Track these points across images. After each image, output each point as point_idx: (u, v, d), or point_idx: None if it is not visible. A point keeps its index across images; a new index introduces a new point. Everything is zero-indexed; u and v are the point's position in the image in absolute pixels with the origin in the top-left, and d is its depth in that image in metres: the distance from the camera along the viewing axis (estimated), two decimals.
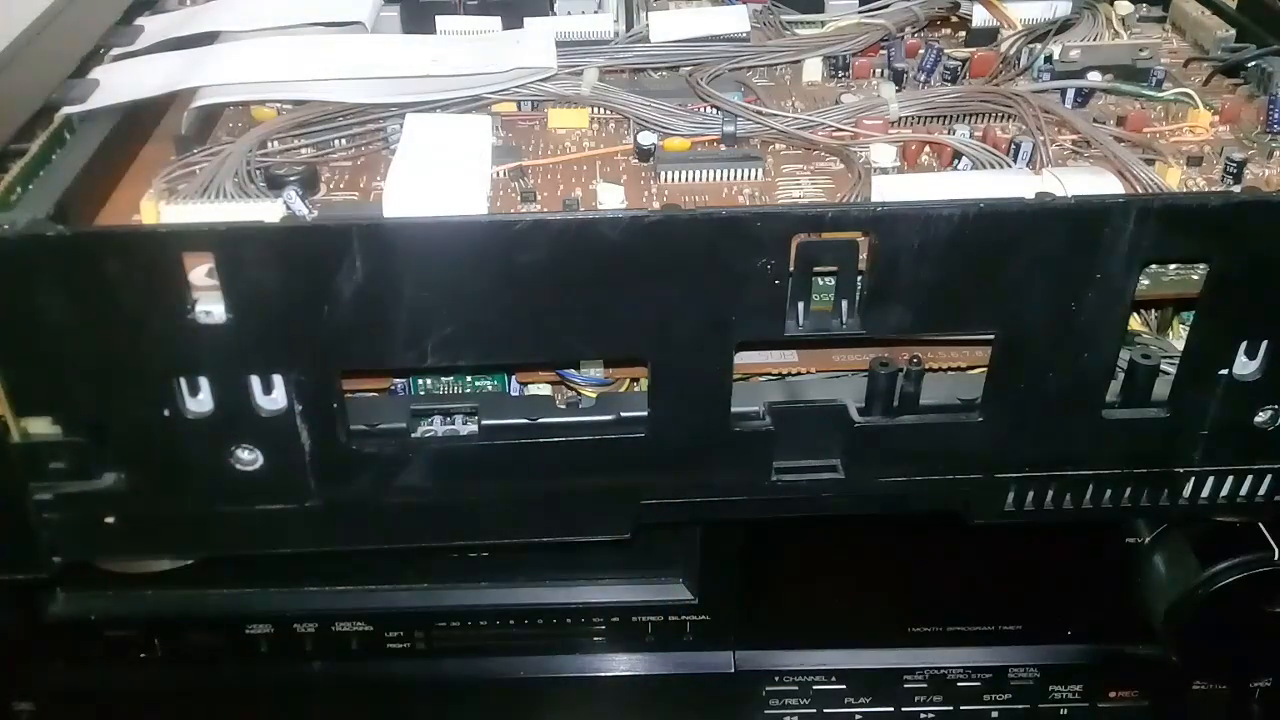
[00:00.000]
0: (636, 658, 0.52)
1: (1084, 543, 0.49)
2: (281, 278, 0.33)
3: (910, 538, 0.49)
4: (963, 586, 0.51)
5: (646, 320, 0.35)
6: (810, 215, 0.34)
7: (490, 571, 0.50)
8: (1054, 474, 0.40)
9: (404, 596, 0.50)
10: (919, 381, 0.39)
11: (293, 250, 0.33)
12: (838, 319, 0.36)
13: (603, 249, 0.33)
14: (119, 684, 0.51)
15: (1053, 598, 0.51)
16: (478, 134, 0.45)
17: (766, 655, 0.52)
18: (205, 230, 0.33)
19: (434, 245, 0.33)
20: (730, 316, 0.35)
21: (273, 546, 0.40)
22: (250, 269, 0.33)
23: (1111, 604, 0.50)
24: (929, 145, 0.46)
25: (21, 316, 0.33)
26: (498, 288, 0.34)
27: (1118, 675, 0.52)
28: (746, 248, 0.34)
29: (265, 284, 0.33)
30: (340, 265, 0.33)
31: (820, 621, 0.52)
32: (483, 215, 0.39)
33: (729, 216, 0.33)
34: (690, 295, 0.34)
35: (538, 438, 0.38)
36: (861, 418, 0.39)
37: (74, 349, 0.34)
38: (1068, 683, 0.52)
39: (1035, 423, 0.39)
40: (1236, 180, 0.44)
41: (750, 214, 0.33)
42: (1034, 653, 0.52)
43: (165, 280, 0.33)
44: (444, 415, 0.40)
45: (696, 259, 0.34)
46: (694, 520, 0.46)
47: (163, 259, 0.32)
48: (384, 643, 0.50)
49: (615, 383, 0.42)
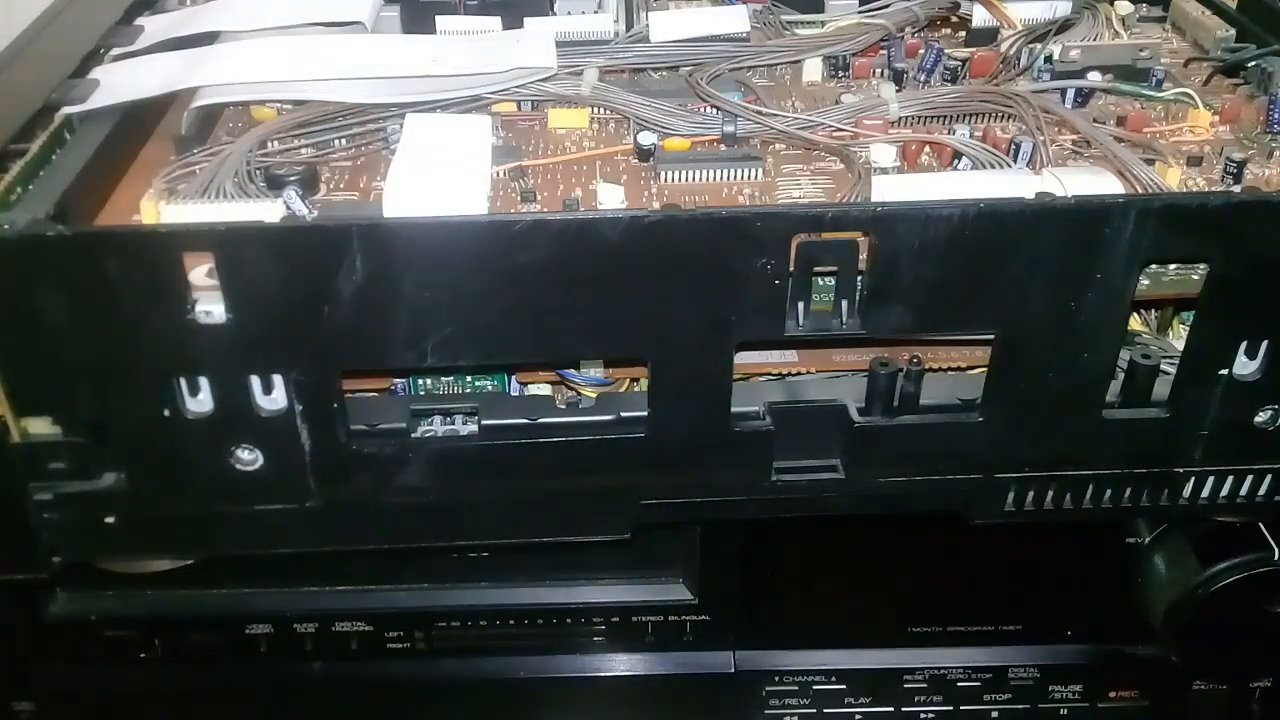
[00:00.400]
0: (636, 658, 0.52)
1: (1084, 543, 0.49)
2: (281, 278, 0.33)
3: (910, 538, 0.49)
4: (963, 586, 0.51)
5: (646, 320, 0.35)
6: (810, 215, 0.34)
7: (490, 571, 0.50)
8: (1054, 474, 0.40)
9: (404, 596, 0.50)
10: (919, 381, 0.39)
11: (293, 250, 0.33)
12: (838, 319, 0.36)
13: (603, 249, 0.33)
14: (119, 684, 0.51)
15: (1053, 598, 0.51)
16: (478, 134, 0.45)
17: (766, 655, 0.52)
18: (205, 230, 0.33)
19: (434, 245, 0.33)
20: (730, 316, 0.35)
21: (273, 546, 0.40)
22: (250, 269, 0.33)
23: (1111, 604, 0.50)
24: (929, 145, 0.46)
25: (21, 316, 0.33)
26: (498, 288, 0.34)
27: (1118, 675, 0.52)
28: (746, 248, 0.34)
29: (265, 284, 0.33)
30: (340, 265, 0.33)
31: (820, 621, 0.52)
32: (483, 215, 0.39)
33: (729, 216, 0.33)
34: (690, 295, 0.34)
35: (538, 438, 0.38)
36: (861, 418, 0.39)
37: (74, 349, 0.34)
38: (1068, 683, 0.52)
39: (1035, 423, 0.39)
40: (1236, 180, 0.44)
41: (750, 214, 0.33)
42: (1034, 653, 0.52)
43: (165, 280, 0.33)
44: (444, 415, 0.40)
45: (696, 259, 0.34)
46: (694, 520, 0.46)
47: (163, 259, 0.32)
48: (384, 643, 0.50)
49: (615, 383, 0.42)
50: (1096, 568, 0.50)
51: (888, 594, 0.51)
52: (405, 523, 0.39)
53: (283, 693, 0.52)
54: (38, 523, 0.37)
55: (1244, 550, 0.46)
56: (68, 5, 0.54)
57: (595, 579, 0.50)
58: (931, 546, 0.50)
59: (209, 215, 0.39)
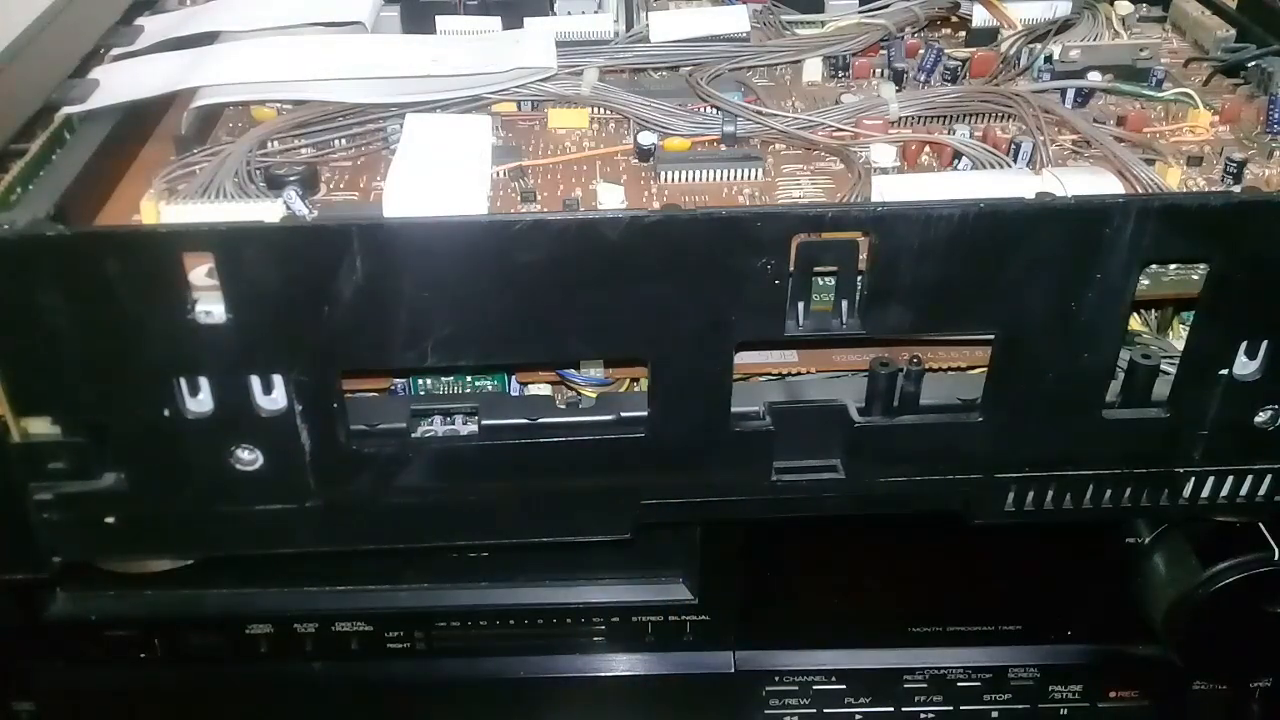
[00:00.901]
0: (636, 658, 0.52)
1: (1084, 543, 0.49)
2: (281, 278, 0.33)
3: (910, 538, 0.49)
4: (962, 587, 0.51)
5: (647, 320, 0.35)
6: (810, 215, 0.34)
7: (490, 571, 0.50)
8: (1054, 474, 0.40)
9: (404, 596, 0.50)
10: (919, 381, 0.39)
11: (293, 250, 0.33)
12: (838, 318, 0.36)
13: (603, 248, 0.33)
14: (119, 684, 0.51)
15: (1053, 598, 0.51)
16: (478, 134, 0.45)
17: (766, 655, 0.52)
18: (205, 230, 0.33)
19: (433, 245, 0.33)
20: (730, 316, 0.35)
21: (273, 546, 0.40)
22: (250, 269, 0.33)
23: (1112, 604, 0.50)
24: (929, 145, 0.46)
25: (21, 316, 0.33)
26: (497, 287, 0.34)
27: (1118, 675, 0.52)
28: (746, 248, 0.34)
29: (265, 284, 0.33)
30: (340, 265, 0.33)
31: (820, 622, 0.52)
32: (483, 215, 0.39)
33: (729, 216, 0.33)
34: (690, 295, 0.34)
35: (538, 438, 0.38)
36: (862, 418, 0.39)
37: (74, 348, 0.34)
38: (1068, 683, 0.52)
39: (1036, 423, 0.39)
40: (1236, 180, 0.44)
41: (750, 214, 0.33)
42: (1034, 653, 0.52)
43: (165, 280, 0.33)
44: (444, 415, 0.40)
45: (696, 259, 0.34)
46: (693, 520, 0.46)
47: (162, 259, 0.32)
48: (384, 643, 0.50)
49: (615, 383, 0.42)
50: (1097, 568, 0.50)
51: (888, 594, 0.51)
52: (405, 522, 0.39)
53: (283, 692, 0.52)
54: (38, 523, 0.37)
55: (1244, 550, 0.46)
56: (67, 5, 0.54)
57: (595, 579, 0.50)
58: (931, 546, 0.50)
59: (209, 215, 0.39)
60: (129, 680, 0.51)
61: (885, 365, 0.39)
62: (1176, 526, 0.48)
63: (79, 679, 0.51)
